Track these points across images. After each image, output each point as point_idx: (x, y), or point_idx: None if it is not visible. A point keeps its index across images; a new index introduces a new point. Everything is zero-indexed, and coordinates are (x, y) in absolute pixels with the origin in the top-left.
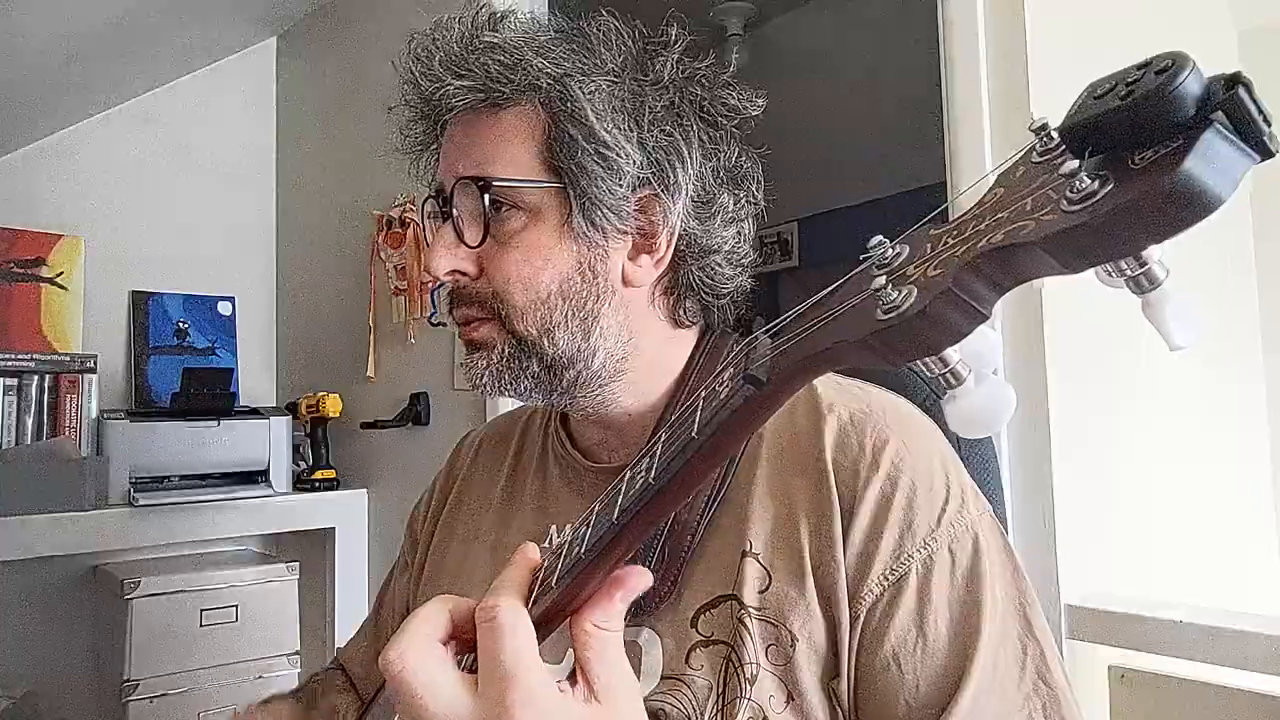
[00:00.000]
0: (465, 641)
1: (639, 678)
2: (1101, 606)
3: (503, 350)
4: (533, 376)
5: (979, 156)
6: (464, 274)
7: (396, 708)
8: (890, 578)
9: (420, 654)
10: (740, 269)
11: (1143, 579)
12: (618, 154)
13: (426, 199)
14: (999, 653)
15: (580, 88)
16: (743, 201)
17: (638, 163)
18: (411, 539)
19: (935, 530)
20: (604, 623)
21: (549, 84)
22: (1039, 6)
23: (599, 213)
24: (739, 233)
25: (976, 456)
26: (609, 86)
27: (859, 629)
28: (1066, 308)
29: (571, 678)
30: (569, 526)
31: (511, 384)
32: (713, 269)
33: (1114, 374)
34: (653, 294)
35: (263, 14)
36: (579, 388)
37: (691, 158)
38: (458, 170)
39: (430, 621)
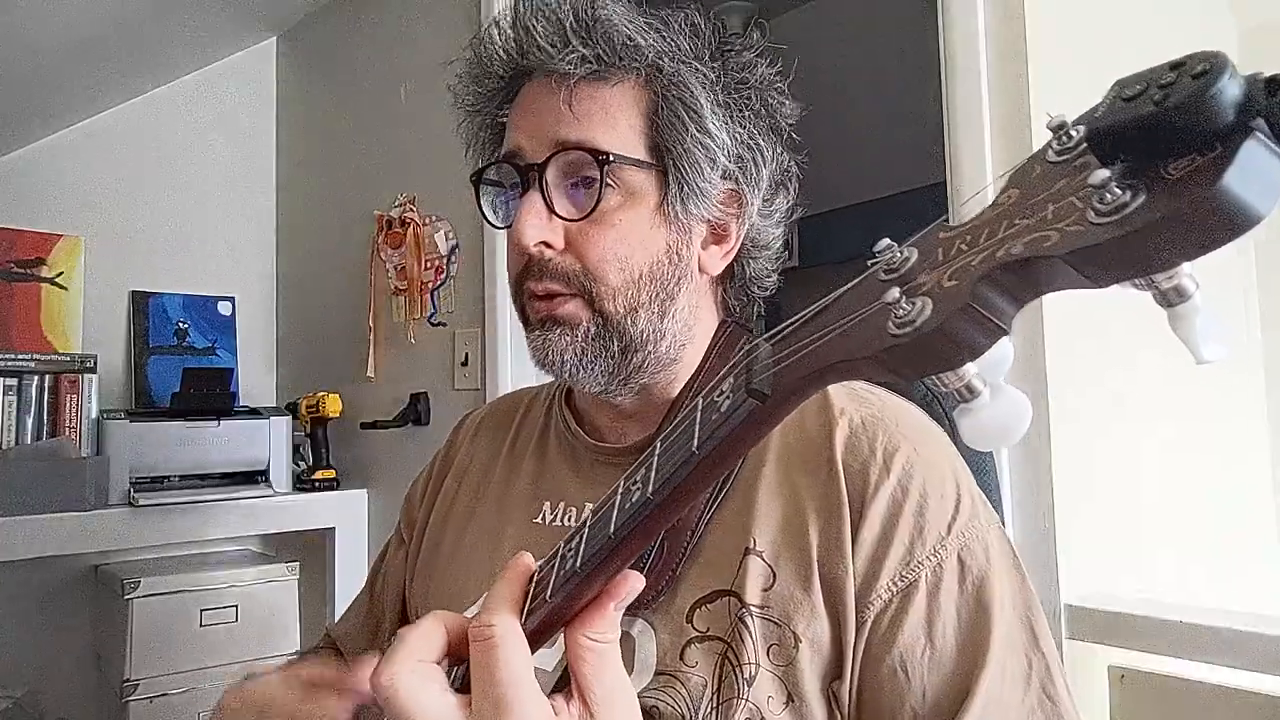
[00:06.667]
0: (460, 657)
1: (632, 671)
2: (1101, 606)
3: (588, 329)
4: (611, 358)
5: (979, 156)
6: (550, 246)
7: None
8: (900, 584)
9: (412, 674)
10: (776, 268)
11: (1143, 579)
12: (717, 143)
13: (490, 164)
14: (1005, 664)
15: (692, 74)
16: (789, 205)
17: (729, 154)
18: (409, 517)
19: (946, 538)
20: (599, 635)
21: (668, 65)
22: (1039, 6)
23: (694, 199)
24: (784, 233)
25: (974, 456)
26: (712, 75)
27: (865, 633)
28: (1067, 307)
29: (562, 686)
30: (561, 542)
31: (589, 365)
32: (762, 265)
33: (1114, 373)
34: (710, 284)
35: (263, 14)
36: (639, 373)
37: (767, 156)
38: (559, 135)
39: (424, 640)
